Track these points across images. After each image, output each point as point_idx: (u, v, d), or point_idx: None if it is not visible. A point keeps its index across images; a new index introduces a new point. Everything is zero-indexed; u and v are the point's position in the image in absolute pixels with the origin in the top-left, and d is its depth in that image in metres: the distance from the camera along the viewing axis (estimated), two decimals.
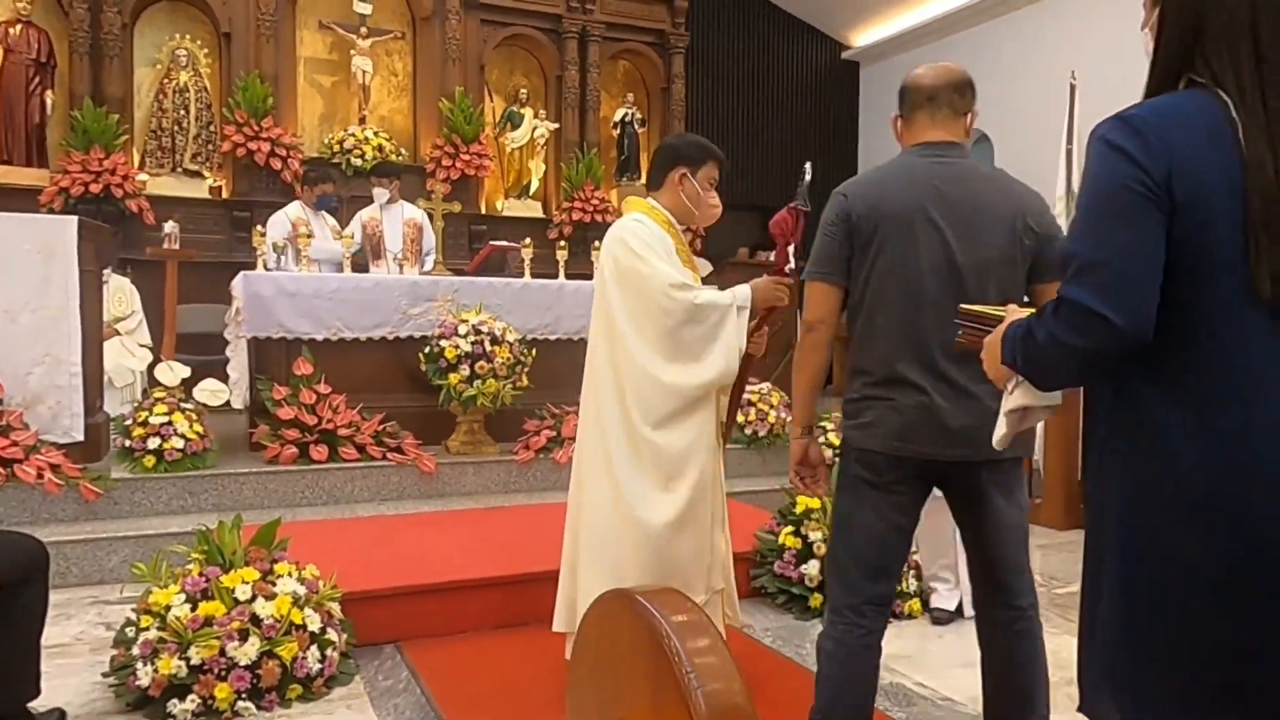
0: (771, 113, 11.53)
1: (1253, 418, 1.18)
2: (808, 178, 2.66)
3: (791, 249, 2.61)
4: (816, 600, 3.67)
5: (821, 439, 5.61)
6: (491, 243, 6.79)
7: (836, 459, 3.30)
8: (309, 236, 5.51)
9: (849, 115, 12.09)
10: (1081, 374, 1.32)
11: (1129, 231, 1.19)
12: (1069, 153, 6.58)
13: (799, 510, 3.87)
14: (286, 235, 5.97)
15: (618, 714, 1.16)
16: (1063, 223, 6.28)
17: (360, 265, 5.71)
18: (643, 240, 2.61)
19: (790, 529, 3.82)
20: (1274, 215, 1.17)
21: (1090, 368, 1.27)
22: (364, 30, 8.33)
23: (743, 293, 2.61)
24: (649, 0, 9.45)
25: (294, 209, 6.38)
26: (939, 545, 3.56)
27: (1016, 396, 1.53)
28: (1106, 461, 1.30)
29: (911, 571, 3.73)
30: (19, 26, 7.24)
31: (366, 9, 8.34)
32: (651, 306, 2.56)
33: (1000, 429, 1.57)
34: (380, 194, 6.43)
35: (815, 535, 3.75)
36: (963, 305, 1.59)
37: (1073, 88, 6.62)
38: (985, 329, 1.47)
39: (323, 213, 6.45)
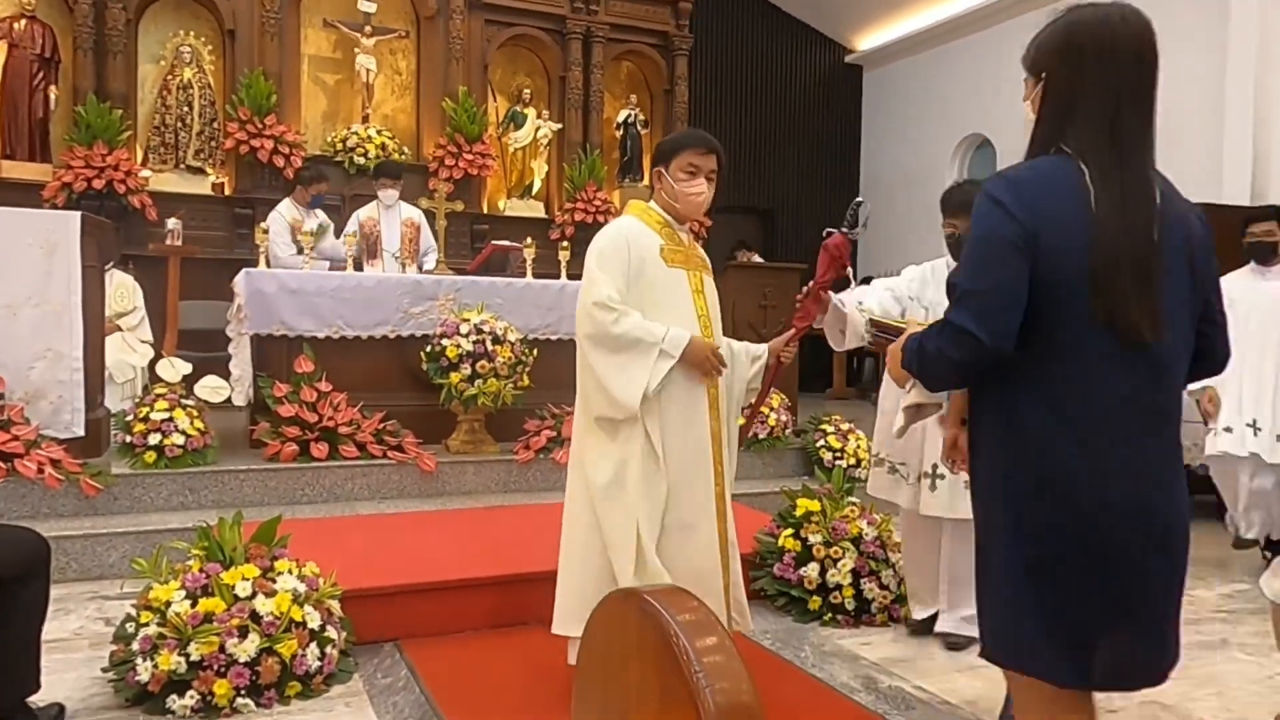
0: (774, 115, 11.54)
1: (1089, 415, 1.51)
2: (868, 208, 2.70)
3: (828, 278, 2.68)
4: (815, 603, 3.68)
5: (821, 442, 5.63)
6: (493, 243, 6.79)
7: (836, 462, 3.35)
8: (310, 234, 5.53)
9: (852, 119, 12.11)
10: (960, 379, 1.67)
11: (1000, 271, 1.50)
12: None
13: (799, 513, 3.87)
14: (287, 235, 6.02)
15: (625, 712, 1.16)
16: None
17: (356, 265, 5.71)
18: (601, 248, 2.66)
19: (790, 531, 3.82)
20: (1110, 265, 1.49)
21: (966, 374, 1.62)
22: (368, 29, 8.35)
23: (676, 341, 2.58)
24: (653, 2, 9.46)
25: (287, 208, 6.41)
26: (926, 566, 3.51)
27: (912, 395, 1.86)
28: (984, 444, 1.65)
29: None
30: (23, 21, 7.25)
31: (371, 7, 8.35)
32: (580, 315, 2.65)
33: (898, 422, 1.95)
34: (389, 195, 6.46)
35: (815, 538, 3.75)
36: (873, 318, 1.85)
37: None
38: (889, 338, 1.74)
39: (316, 210, 6.48)
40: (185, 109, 7.88)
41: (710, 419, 2.72)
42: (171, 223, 6.04)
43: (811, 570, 3.70)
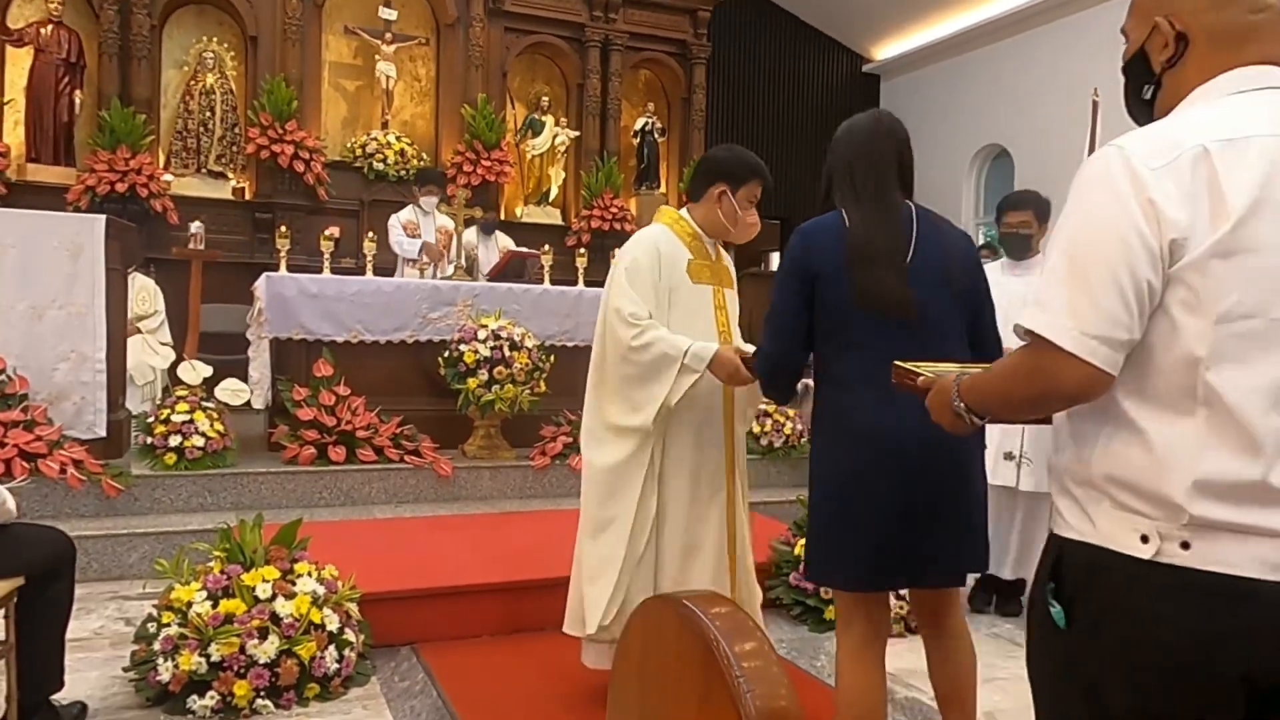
0: (791, 124, 11.55)
1: (874, 374, 1.96)
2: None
3: None
4: (831, 613, 3.66)
5: None
6: (511, 249, 6.83)
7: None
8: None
9: None
10: (777, 385, 2.31)
11: (789, 298, 2.17)
12: None
13: None
14: (402, 232, 6.45)
15: (664, 717, 1.17)
16: None
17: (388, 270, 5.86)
18: (634, 259, 2.62)
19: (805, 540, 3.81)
20: (860, 260, 2.09)
21: (775, 380, 2.30)
22: (388, 36, 8.41)
23: (700, 355, 2.52)
24: (671, 11, 9.49)
25: (406, 213, 6.66)
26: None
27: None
28: (817, 417, 2.22)
29: None
30: (50, 27, 7.35)
31: (391, 15, 8.41)
32: (601, 326, 2.65)
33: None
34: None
35: None
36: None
37: (1095, 104, 6.60)
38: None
39: (432, 214, 6.64)
40: (207, 114, 7.96)
41: (725, 436, 2.70)
42: (194, 226, 6.10)
43: None
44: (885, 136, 2.24)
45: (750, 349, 2.52)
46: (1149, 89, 1.31)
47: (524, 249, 6.79)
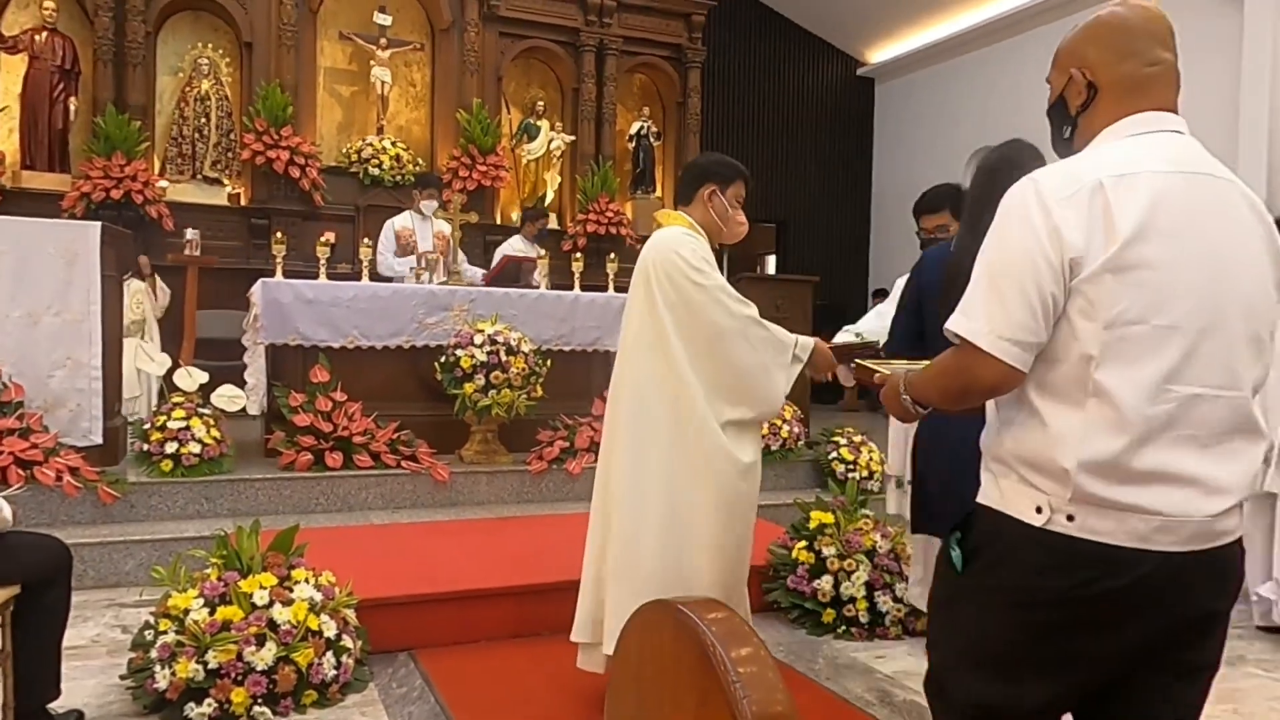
0: (787, 127, 11.57)
1: None
2: None
3: None
4: (829, 615, 3.67)
5: (833, 455, 5.62)
6: (507, 253, 6.83)
7: (849, 475, 3.37)
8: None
9: (864, 131, 12.13)
10: None
11: (900, 308, 2.80)
12: None
13: (812, 525, 3.87)
14: (394, 246, 6.35)
15: None
16: None
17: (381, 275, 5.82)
18: (701, 256, 2.59)
19: (803, 544, 3.82)
20: (947, 283, 2.29)
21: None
22: (383, 41, 8.42)
23: (805, 345, 2.60)
24: (666, 15, 9.51)
25: (403, 219, 6.59)
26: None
27: None
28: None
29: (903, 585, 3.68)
30: (45, 34, 7.35)
31: (386, 20, 8.42)
32: (705, 319, 2.52)
33: None
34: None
35: (829, 550, 3.75)
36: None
37: None
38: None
39: (430, 219, 6.56)
40: (203, 120, 7.96)
41: None
42: (190, 233, 6.10)
43: (825, 583, 3.69)
44: (1007, 169, 2.30)
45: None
46: (1067, 129, 1.55)
47: (519, 254, 6.80)
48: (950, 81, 10.72)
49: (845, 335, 3.55)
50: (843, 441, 5.66)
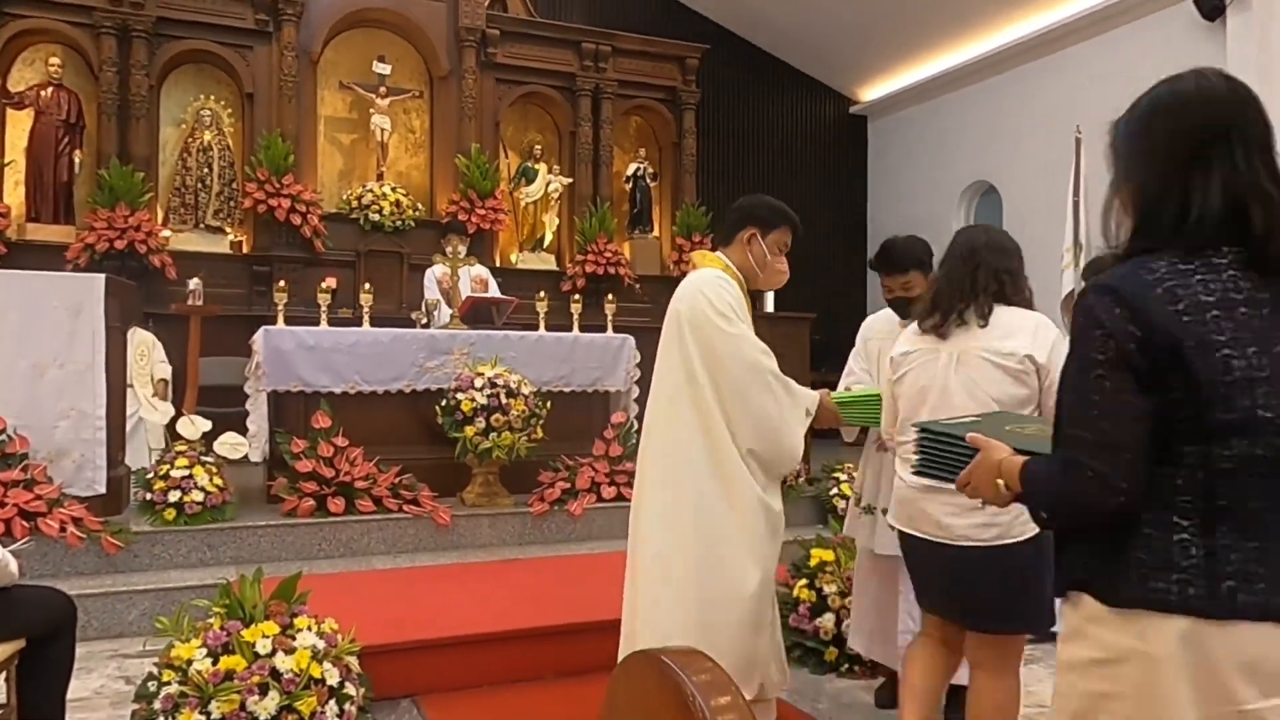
0: (781, 166, 11.70)
1: None
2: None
3: None
4: (832, 654, 3.67)
5: (834, 491, 5.63)
6: (471, 295, 6.43)
7: (856, 507, 3.34)
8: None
9: (858, 168, 12.27)
10: None
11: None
12: (1075, 205, 6.66)
13: (813, 563, 3.88)
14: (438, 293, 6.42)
15: None
16: (1069, 274, 6.36)
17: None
18: (727, 302, 2.55)
19: (805, 582, 3.83)
20: None
21: None
22: (383, 89, 8.56)
23: (813, 400, 2.60)
24: (660, 59, 9.67)
25: (440, 267, 6.60)
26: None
27: None
28: None
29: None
30: (50, 89, 7.48)
31: (386, 69, 8.57)
32: (730, 365, 2.50)
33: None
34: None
35: (830, 589, 3.75)
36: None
37: (1078, 141, 6.73)
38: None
39: (466, 269, 6.59)
40: (205, 170, 8.07)
41: None
42: (193, 283, 6.16)
43: (827, 620, 3.69)
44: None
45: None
46: None
47: (486, 294, 6.69)
48: (942, 117, 10.86)
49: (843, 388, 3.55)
50: (844, 477, 5.66)
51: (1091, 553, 1.39)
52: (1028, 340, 2.37)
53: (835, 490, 5.59)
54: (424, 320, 6.06)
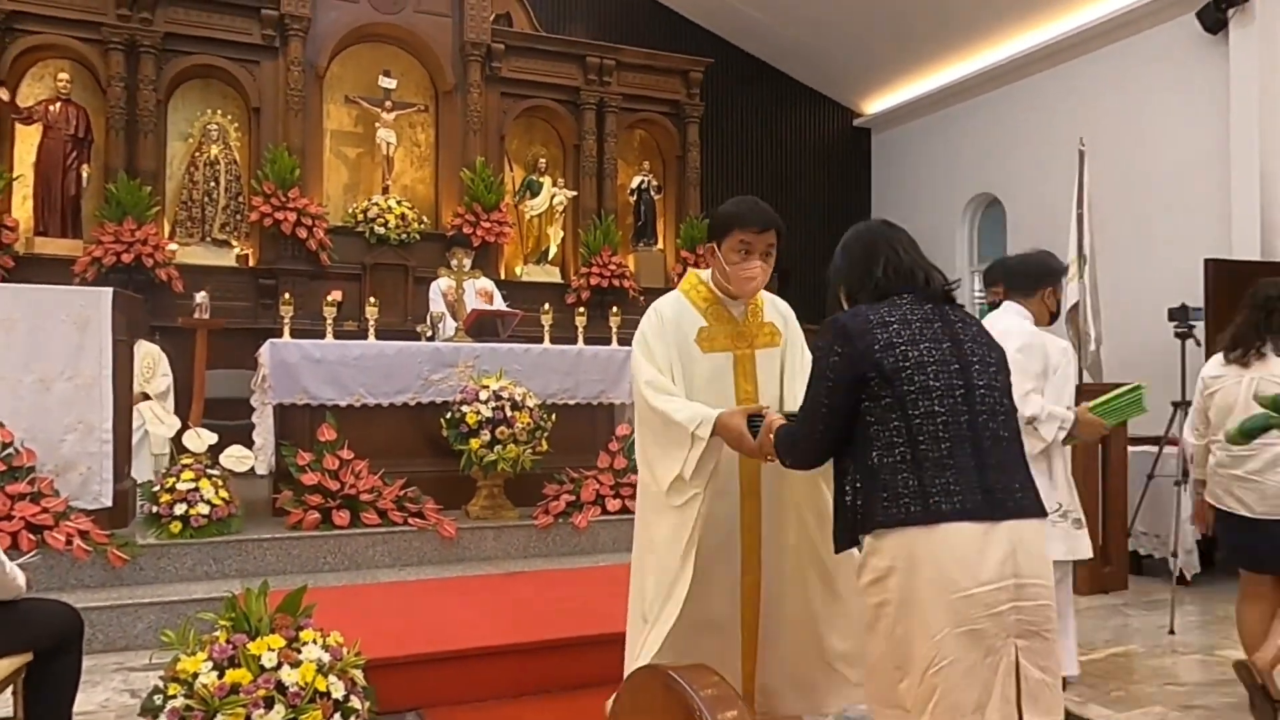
0: (785, 179, 11.73)
1: None
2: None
3: None
4: None
5: None
6: (476, 308, 6.42)
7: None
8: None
9: (862, 181, 12.29)
10: None
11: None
12: (1079, 216, 6.67)
13: None
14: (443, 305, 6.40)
15: None
16: (1073, 286, 6.36)
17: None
18: (642, 332, 2.62)
19: None
20: None
21: None
22: (388, 104, 8.61)
23: (704, 422, 2.40)
24: (664, 72, 9.71)
25: (445, 280, 6.61)
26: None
27: None
28: None
29: None
30: (59, 104, 7.55)
31: (391, 84, 8.62)
32: (634, 392, 2.62)
33: None
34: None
35: None
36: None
37: (1081, 153, 6.74)
38: None
39: (471, 282, 6.62)
40: (212, 184, 8.12)
41: (744, 507, 2.60)
42: (200, 297, 6.19)
43: None
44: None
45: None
46: None
47: (489, 306, 6.70)
48: (946, 130, 10.89)
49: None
50: None
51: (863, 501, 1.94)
52: None
53: None
54: (429, 333, 6.08)
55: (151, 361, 6.37)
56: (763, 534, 2.63)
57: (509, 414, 5.10)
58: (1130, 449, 5.62)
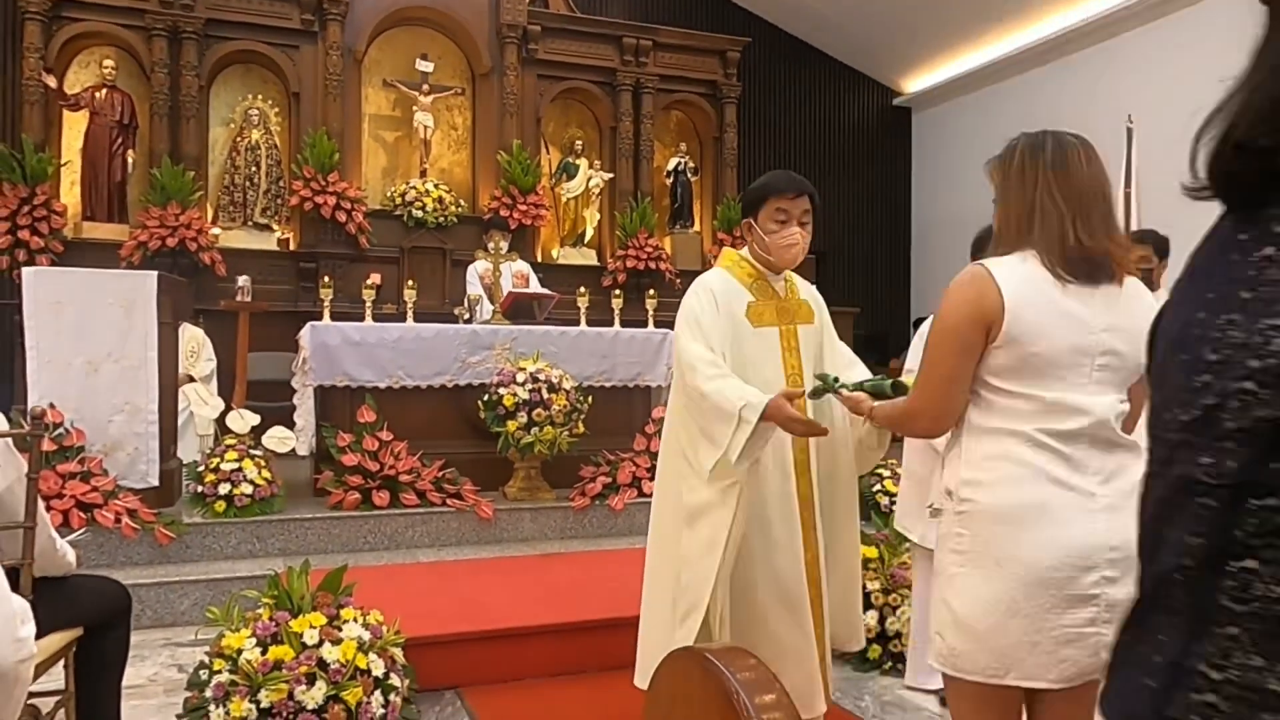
0: (824, 160, 11.61)
1: None
2: None
3: None
4: (875, 651, 3.64)
5: (877, 488, 5.57)
6: (512, 291, 6.47)
7: (893, 507, 3.32)
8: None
9: (902, 161, 12.12)
10: None
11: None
12: (1127, 196, 6.52)
13: None
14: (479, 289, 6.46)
15: None
16: None
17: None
18: (689, 307, 2.53)
19: None
20: None
21: None
22: (425, 87, 8.63)
23: (754, 406, 2.28)
24: (701, 53, 9.63)
25: (483, 263, 6.61)
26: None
27: None
28: None
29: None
30: (104, 91, 7.66)
31: (428, 67, 8.65)
32: (676, 369, 2.53)
33: None
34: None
35: (873, 585, 3.72)
36: None
37: (1129, 131, 6.59)
38: None
39: (508, 264, 6.61)
40: (253, 168, 8.21)
41: (798, 483, 2.55)
42: (242, 280, 6.27)
43: (870, 618, 3.66)
44: None
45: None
46: None
47: (526, 289, 6.71)
48: (988, 109, 10.70)
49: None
50: (886, 474, 5.61)
51: None
52: None
53: (878, 487, 5.53)
54: (466, 316, 6.12)
55: (196, 344, 6.47)
56: (815, 509, 2.61)
57: (546, 396, 5.12)
58: None
